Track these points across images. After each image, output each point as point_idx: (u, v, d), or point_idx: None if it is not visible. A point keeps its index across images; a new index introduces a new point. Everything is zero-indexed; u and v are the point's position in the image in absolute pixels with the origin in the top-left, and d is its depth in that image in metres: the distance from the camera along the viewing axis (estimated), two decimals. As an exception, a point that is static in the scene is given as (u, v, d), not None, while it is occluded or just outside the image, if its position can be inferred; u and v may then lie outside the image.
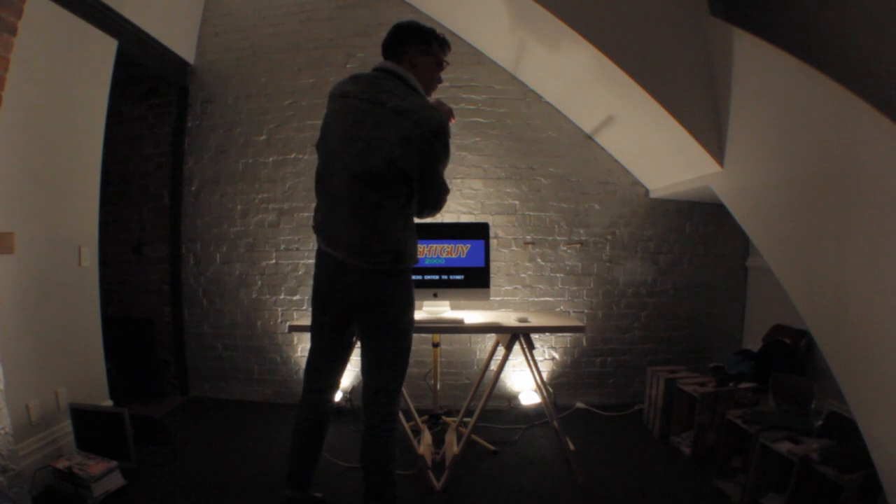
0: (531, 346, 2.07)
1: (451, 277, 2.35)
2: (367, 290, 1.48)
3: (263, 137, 3.12)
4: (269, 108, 3.12)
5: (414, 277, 2.31)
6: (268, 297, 3.11)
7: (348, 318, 1.57)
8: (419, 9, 3.03)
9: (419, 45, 1.56)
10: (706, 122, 2.25)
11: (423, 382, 2.95)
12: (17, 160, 1.93)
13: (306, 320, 2.30)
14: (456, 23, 3.00)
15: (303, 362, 3.09)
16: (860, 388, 1.56)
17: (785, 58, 1.86)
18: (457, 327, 2.05)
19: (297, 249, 3.09)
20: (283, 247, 3.10)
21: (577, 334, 3.07)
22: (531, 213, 3.08)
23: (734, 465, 2.07)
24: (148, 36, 2.71)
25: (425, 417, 2.59)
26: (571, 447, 2.11)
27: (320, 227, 1.54)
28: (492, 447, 2.37)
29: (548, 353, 3.09)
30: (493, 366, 2.57)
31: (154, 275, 3.22)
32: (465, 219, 3.04)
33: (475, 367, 3.04)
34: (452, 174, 3.06)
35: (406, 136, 1.39)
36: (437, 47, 1.61)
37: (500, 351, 2.13)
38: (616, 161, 3.08)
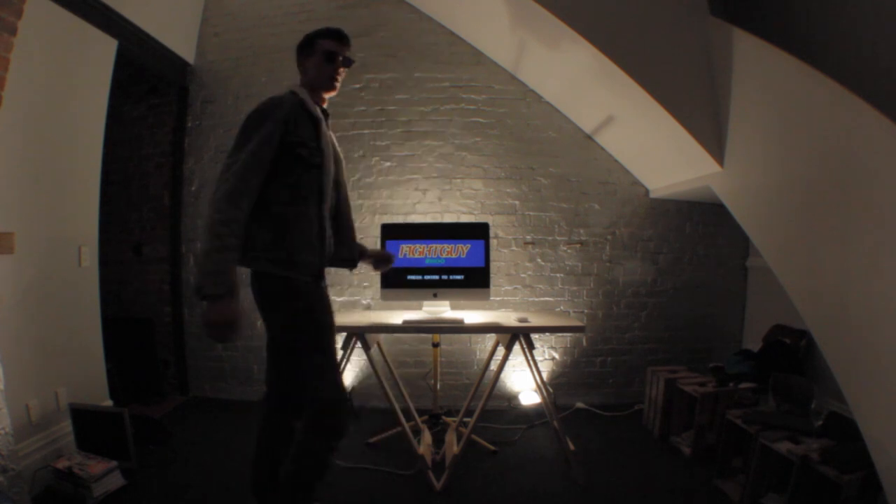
0: (531, 346, 2.07)
1: (451, 277, 2.35)
2: None
3: (263, 137, 3.11)
4: (269, 108, 3.12)
5: (414, 277, 2.34)
6: (268, 297, 3.10)
7: None
8: (419, 9, 3.03)
9: (301, 53, 1.64)
10: (706, 122, 2.25)
11: (423, 382, 2.95)
12: (17, 160, 1.93)
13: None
14: (456, 23, 3.00)
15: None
16: (860, 388, 1.56)
17: (785, 58, 1.86)
18: (457, 327, 2.05)
19: (297, 249, 3.09)
20: (283, 247, 3.10)
21: (577, 334, 3.07)
22: (531, 213, 3.07)
23: (734, 465, 2.07)
24: (148, 36, 2.71)
25: (425, 417, 2.59)
26: (571, 447, 2.11)
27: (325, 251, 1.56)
28: (492, 447, 2.37)
29: (548, 353, 3.09)
30: (493, 366, 2.57)
31: (154, 275, 3.22)
32: (465, 219, 3.04)
33: (475, 367, 3.04)
34: (453, 174, 3.06)
35: None
36: (323, 42, 1.60)
37: (500, 351, 2.13)
38: (616, 161, 3.08)
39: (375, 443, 2.42)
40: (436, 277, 2.34)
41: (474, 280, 2.35)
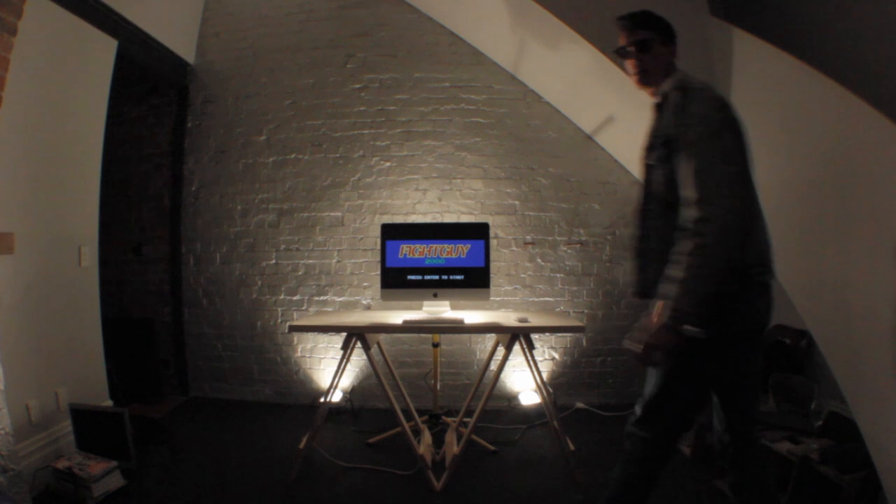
0: (531, 346, 2.07)
1: (451, 277, 2.35)
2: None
3: (263, 137, 3.12)
4: (269, 108, 3.12)
5: (414, 277, 2.34)
6: (268, 297, 3.11)
7: None
8: (419, 9, 3.03)
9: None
10: (706, 122, 2.25)
11: (423, 382, 2.95)
12: (17, 160, 1.93)
13: (306, 320, 2.31)
14: (456, 23, 3.00)
15: (302, 362, 3.09)
16: (860, 388, 1.56)
17: (785, 58, 1.86)
18: (457, 327, 2.05)
19: (297, 249, 3.10)
20: (283, 247, 3.10)
21: (577, 334, 3.07)
22: (531, 213, 3.07)
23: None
24: (148, 36, 2.71)
25: (425, 417, 2.59)
26: (571, 447, 2.10)
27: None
28: (492, 447, 2.37)
29: (548, 353, 3.08)
30: (493, 366, 2.57)
31: (154, 275, 3.22)
32: (465, 219, 3.04)
33: (475, 367, 3.04)
34: (453, 174, 3.06)
35: None
36: None
37: (500, 351, 2.13)
38: (616, 161, 3.08)
39: (375, 443, 2.42)
40: (436, 277, 2.34)
41: (474, 280, 2.35)
